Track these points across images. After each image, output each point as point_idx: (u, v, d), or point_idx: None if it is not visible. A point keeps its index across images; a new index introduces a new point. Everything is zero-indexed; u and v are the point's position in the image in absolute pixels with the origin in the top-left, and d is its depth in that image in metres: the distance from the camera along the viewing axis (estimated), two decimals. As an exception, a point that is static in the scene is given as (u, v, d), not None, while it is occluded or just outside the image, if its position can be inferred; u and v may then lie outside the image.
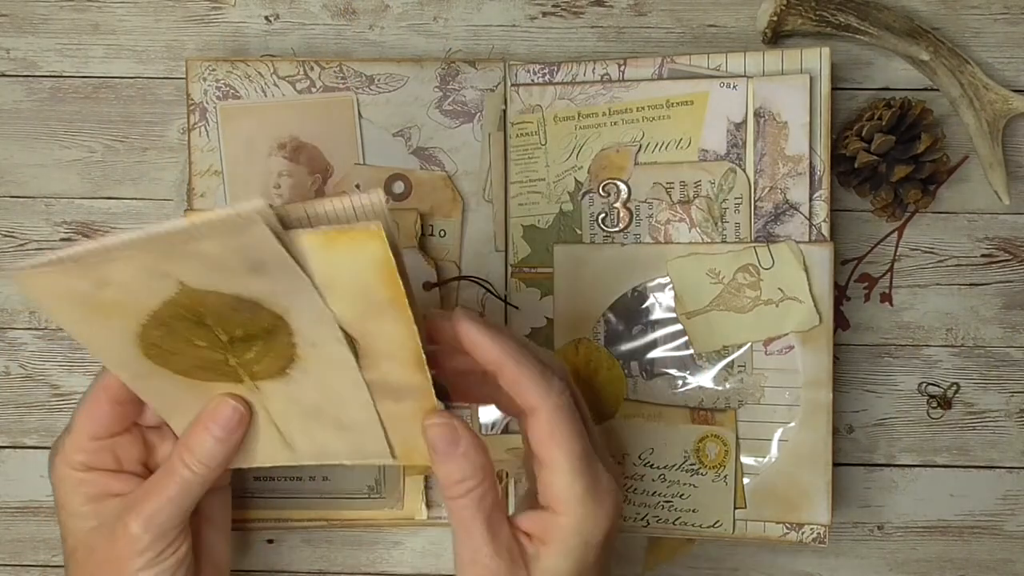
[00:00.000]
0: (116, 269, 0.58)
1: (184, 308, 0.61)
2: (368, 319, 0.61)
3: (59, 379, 0.90)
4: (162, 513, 0.68)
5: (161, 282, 0.59)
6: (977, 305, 0.88)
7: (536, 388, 0.65)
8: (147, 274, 0.59)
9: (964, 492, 0.89)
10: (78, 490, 0.71)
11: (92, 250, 0.57)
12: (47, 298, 0.61)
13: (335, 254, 0.58)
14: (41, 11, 0.89)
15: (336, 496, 0.85)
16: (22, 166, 0.89)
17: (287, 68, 0.84)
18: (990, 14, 0.87)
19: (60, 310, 0.62)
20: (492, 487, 0.67)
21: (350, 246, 0.57)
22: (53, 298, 0.61)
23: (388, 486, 0.85)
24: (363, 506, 0.85)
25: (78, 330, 0.64)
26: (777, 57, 0.83)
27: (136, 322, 0.62)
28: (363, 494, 0.85)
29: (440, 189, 0.84)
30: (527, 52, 0.88)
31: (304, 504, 0.85)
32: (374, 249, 0.57)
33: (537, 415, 0.65)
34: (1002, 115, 0.85)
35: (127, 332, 0.63)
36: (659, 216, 0.83)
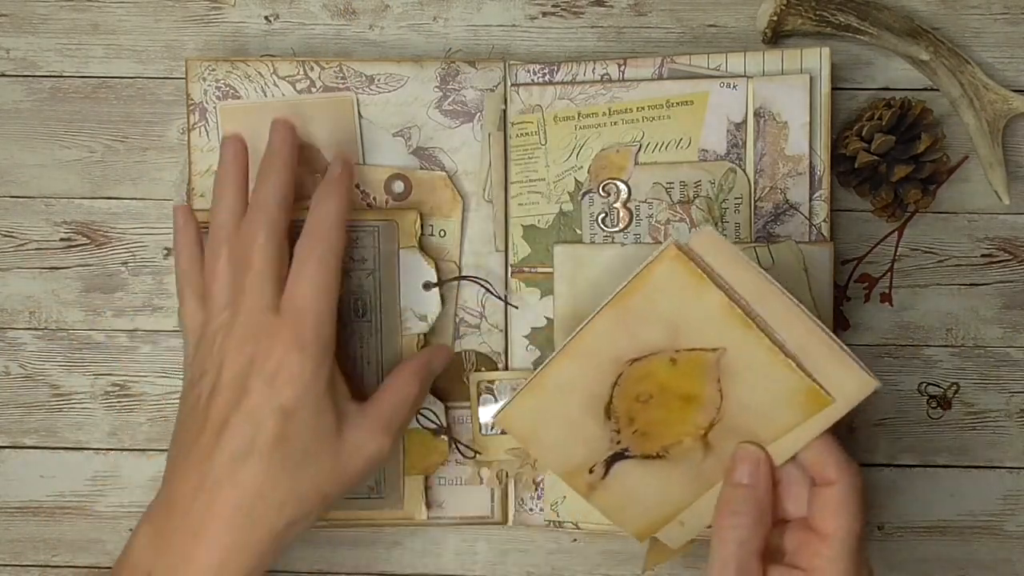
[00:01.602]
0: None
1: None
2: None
3: (59, 379, 0.90)
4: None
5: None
6: (977, 305, 0.88)
7: (837, 463, 0.69)
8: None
9: (964, 492, 0.88)
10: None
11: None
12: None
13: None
14: (41, 11, 0.89)
15: None
16: (22, 166, 0.89)
17: (287, 68, 0.84)
18: (990, 14, 0.87)
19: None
20: (758, 534, 0.69)
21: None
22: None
23: (388, 486, 0.85)
24: (363, 506, 0.85)
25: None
26: (777, 57, 0.83)
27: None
28: (363, 494, 0.84)
29: (440, 189, 0.84)
30: (527, 52, 0.88)
31: None
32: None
33: (831, 488, 0.68)
34: (1002, 115, 0.85)
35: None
36: (659, 216, 0.83)
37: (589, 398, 0.73)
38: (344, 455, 0.73)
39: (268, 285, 0.73)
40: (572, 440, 0.74)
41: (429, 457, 0.85)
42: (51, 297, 0.89)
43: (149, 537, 0.72)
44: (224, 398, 0.71)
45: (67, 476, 0.90)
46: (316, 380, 0.71)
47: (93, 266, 0.89)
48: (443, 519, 0.86)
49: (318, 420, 0.71)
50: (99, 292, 0.89)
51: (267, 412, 0.70)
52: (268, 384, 0.70)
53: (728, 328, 0.68)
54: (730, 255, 0.68)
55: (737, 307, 0.67)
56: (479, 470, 0.86)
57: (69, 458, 0.90)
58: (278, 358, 0.70)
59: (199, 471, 0.71)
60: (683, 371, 0.71)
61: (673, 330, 0.70)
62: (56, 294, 0.89)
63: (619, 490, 0.75)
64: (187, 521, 0.70)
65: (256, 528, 0.70)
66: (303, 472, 0.71)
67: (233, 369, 0.71)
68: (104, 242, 0.89)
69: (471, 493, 0.87)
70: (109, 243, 0.89)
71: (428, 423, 0.84)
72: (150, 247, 0.89)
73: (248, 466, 0.70)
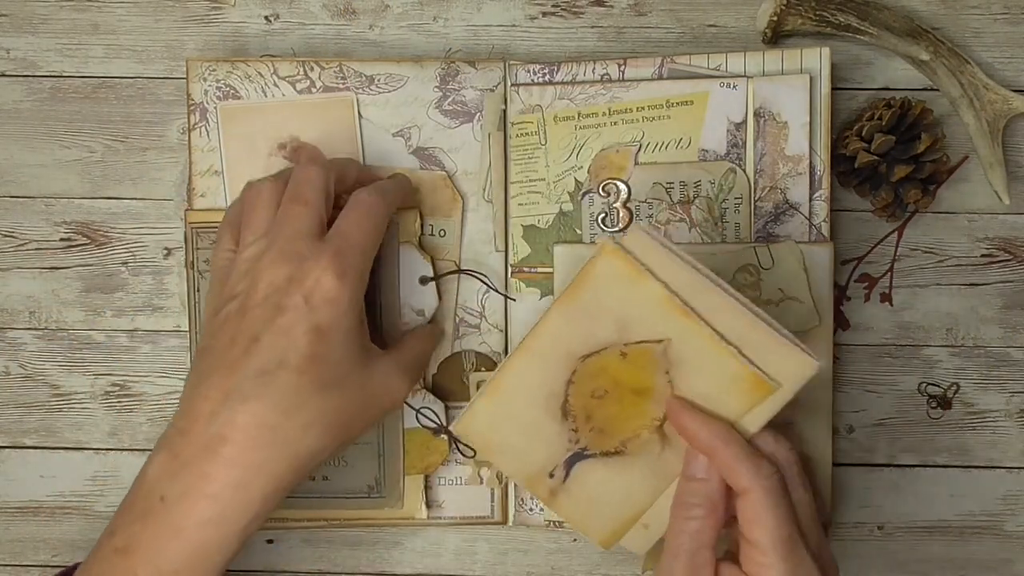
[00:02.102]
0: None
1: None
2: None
3: (59, 379, 0.90)
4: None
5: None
6: (977, 305, 0.88)
7: (745, 469, 0.67)
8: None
9: (964, 492, 0.88)
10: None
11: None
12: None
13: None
14: (41, 11, 0.89)
15: (336, 496, 0.85)
16: (22, 166, 0.89)
17: (287, 68, 0.84)
18: (990, 14, 0.87)
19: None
20: (710, 525, 0.69)
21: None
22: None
23: (388, 486, 0.84)
24: (363, 505, 0.85)
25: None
26: (777, 57, 0.83)
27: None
28: (363, 493, 0.84)
29: (440, 189, 0.84)
30: (527, 52, 0.88)
31: (304, 504, 0.85)
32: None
33: (747, 496, 0.67)
34: (1002, 115, 0.85)
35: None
36: (659, 216, 0.83)
37: (545, 398, 0.73)
38: (370, 387, 0.73)
39: (312, 216, 0.73)
40: (531, 442, 0.74)
41: (429, 457, 0.85)
42: (51, 297, 0.89)
43: (163, 460, 0.70)
44: (255, 315, 0.70)
45: (67, 476, 0.90)
46: (352, 308, 0.71)
47: (93, 266, 0.89)
48: (443, 519, 0.86)
49: (349, 347, 0.71)
50: (99, 292, 0.89)
51: (302, 330, 0.69)
52: (305, 302, 0.70)
53: (670, 319, 0.68)
54: (661, 254, 0.68)
55: (676, 297, 0.68)
56: (479, 470, 0.86)
57: (69, 458, 0.90)
58: (316, 277, 0.70)
59: (222, 387, 0.70)
60: (633, 364, 0.71)
61: (621, 324, 0.70)
62: (56, 294, 0.89)
63: (581, 493, 0.75)
64: (206, 438, 0.69)
65: (279, 448, 0.69)
66: (331, 395, 0.71)
67: (268, 288, 0.71)
68: (104, 242, 0.89)
69: (471, 493, 0.87)
70: (109, 243, 0.89)
71: (428, 422, 0.84)
72: (150, 247, 0.89)
73: (277, 381, 0.69)
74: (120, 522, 0.71)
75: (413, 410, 0.84)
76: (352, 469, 0.85)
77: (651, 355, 0.70)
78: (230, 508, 0.69)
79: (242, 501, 0.69)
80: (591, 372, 0.71)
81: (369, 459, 0.85)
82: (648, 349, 0.70)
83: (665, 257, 0.68)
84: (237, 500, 0.69)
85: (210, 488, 0.68)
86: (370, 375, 0.73)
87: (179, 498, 0.69)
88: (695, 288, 0.68)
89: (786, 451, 0.70)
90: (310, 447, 0.70)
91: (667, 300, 0.68)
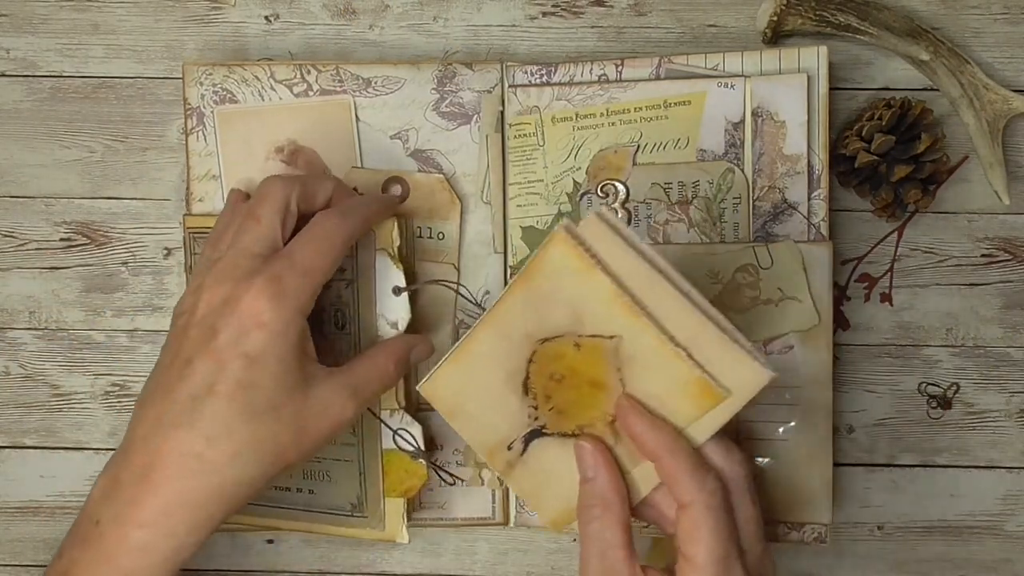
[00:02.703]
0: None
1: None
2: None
3: (59, 379, 0.90)
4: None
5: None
6: (977, 305, 0.87)
7: (688, 483, 0.66)
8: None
9: (964, 492, 0.88)
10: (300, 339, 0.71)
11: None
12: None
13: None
14: (41, 11, 0.89)
15: (321, 511, 0.84)
16: (22, 166, 0.89)
17: (284, 71, 0.84)
18: (990, 14, 0.87)
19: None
20: (611, 524, 0.69)
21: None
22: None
23: (369, 506, 0.83)
24: (346, 523, 0.84)
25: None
26: (774, 56, 0.82)
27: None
28: (346, 511, 0.83)
29: (438, 191, 0.84)
30: (527, 52, 0.88)
31: (292, 515, 0.84)
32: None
33: (687, 510, 0.66)
34: (1002, 115, 0.85)
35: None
36: (658, 216, 0.83)
37: (508, 373, 0.72)
38: (307, 413, 0.70)
39: (262, 233, 0.71)
40: (493, 413, 0.73)
41: (408, 480, 0.82)
42: (51, 297, 0.89)
43: (104, 483, 0.70)
44: (192, 336, 0.69)
45: (67, 476, 0.90)
46: (287, 333, 0.69)
47: (93, 266, 0.89)
48: (444, 520, 0.86)
49: (284, 373, 0.69)
50: (99, 292, 0.89)
51: (232, 355, 0.68)
52: (237, 327, 0.68)
53: (619, 316, 0.67)
54: (617, 244, 0.67)
55: (626, 295, 0.67)
56: (480, 471, 0.86)
57: (69, 458, 0.90)
58: (250, 301, 0.68)
59: (157, 410, 0.69)
60: (586, 357, 0.70)
61: (575, 315, 0.69)
62: (56, 294, 0.89)
63: (536, 468, 0.74)
64: (139, 462, 0.68)
65: (204, 477, 0.67)
66: (261, 423, 0.68)
67: (206, 307, 0.70)
68: (104, 242, 0.89)
69: (472, 494, 0.87)
70: (109, 243, 0.89)
71: (406, 445, 0.82)
72: (150, 247, 0.89)
73: (206, 407, 0.67)
74: (65, 544, 0.71)
75: (390, 431, 0.82)
76: (336, 486, 0.83)
77: (603, 350, 0.69)
78: (157, 536, 0.67)
79: (167, 529, 0.67)
80: (549, 355, 0.71)
81: (351, 477, 0.83)
82: (600, 344, 0.69)
83: (619, 248, 0.67)
84: (162, 528, 0.67)
85: (138, 515, 0.67)
86: (308, 401, 0.70)
87: (111, 523, 0.68)
88: (648, 284, 0.67)
89: (736, 464, 0.69)
90: (237, 476, 0.68)
91: (615, 297, 0.67)
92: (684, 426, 0.68)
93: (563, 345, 0.70)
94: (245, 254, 0.70)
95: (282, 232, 0.72)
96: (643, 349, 0.68)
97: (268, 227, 0.71)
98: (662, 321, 0.67)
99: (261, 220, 0.71)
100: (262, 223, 0.71)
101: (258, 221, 0.71)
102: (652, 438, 0.67)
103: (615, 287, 0.67)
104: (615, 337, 0.68)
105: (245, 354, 0.68)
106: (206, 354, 0.68)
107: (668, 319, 0.67)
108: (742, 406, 0.67)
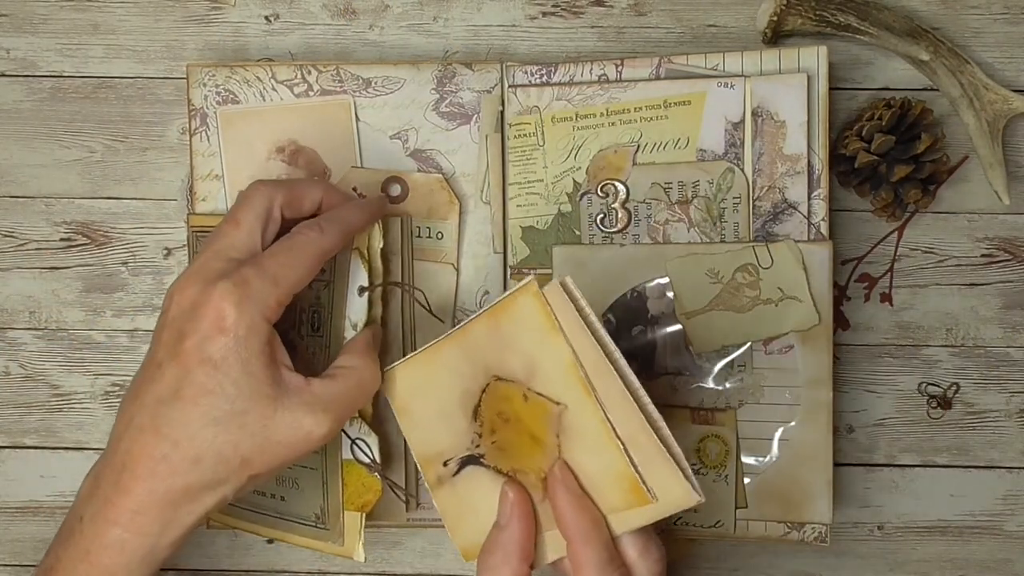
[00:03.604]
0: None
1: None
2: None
3: (59, 379, 0.90)
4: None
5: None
6: (977, 305, 0.87)
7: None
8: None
9: (964, 492, 0.88)
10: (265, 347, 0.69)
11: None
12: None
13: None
14: (41, 11, 0.89)
15: (290, 519, 0.83)
16: (22, 166, 0.89)
17: (285, 72, 0.84)
18: (990, 14, 0.87)
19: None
20: (512, 570, 0.69)
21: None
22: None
23: (330, 519, 0.81)
24: (310, 534, 0.82)
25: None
26: (774, 56, 0.82)
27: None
28: (310, 522, 0.82)
29: (437, 191, 0.84)
30: (527, 52, 0.88)
31: (266, 521, 0.83)
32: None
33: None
34: (1002, 115, 0.85)
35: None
36: (658, 216, 0.83)
37: (464, 392, 0.72)
38: (275, 424, 0.68)
39: (238, 237, 0.70)
40: (441, 426, 0.74)
41: (365, 495, 0.80)
42: (51, 297, 0.89)
43: (90, 481, 0.70)
44: (163, 339, 0.69)
45: (67, 476, 0.90)
46: (250, 339, 0.67)
47: (93, 266, 0.89)
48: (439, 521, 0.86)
49: (247, 380, 0.67)
50: (99, 292, 0.89)
51: (196, 360, 0.67)
52: (202, 332, 0.67)
53: (571, 386, 0.68)
54: (574, 320, 0.67)
55: (581, 369, 0.67)
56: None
57: (69, 458, 0.90)
58: (216, 305, 0.67)
59: (129, 412, 0.69)
60: (531, 411, 0.70)
61: (529, 368, 0.69)
62: (56, 294, 0.89)
63: (463, 494, 0.74)
64: (114, 463, 0.68)
65: (172, 478, 0.67)
66: (224, 430, 0.67)
67: (177, 309, 0.69)
68: (104, 242, 0.89)
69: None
70: (109, 243, 0.89)
71: (363, 456, 0.80)
72: (150, 247, 0.89)
73: (170, 412, 0.67)
74: (53, 541, 0.71)
75: (349, 439, 0.80)
76: (302, 494, 0.82)
77: (547, 412, 0.69)
78: (130, 534, 0.67)
79: (141, 528, 0.67)
80: (500, 394, 0.71)
81: (315, 487, 0.81)
82: (546, 405, 0.69)
83: (577, 325, 0.67)
84: (136, 526, 0.67)
85: (112, 513, 0.67)
86: (276, 412, 0.68)
87: (91, 520, 0.68)
88: (598, 368, 0.67)
89: (652, 563, 0.69)
90: (202, 480, 0.68)
91: (572, 367, 0.67)
92: (608, 512, 0.68)
93: (513, 390, 0.70)
94: (219, 256, 0.69)
95: (262, 238, 0.72)
96: (585, 426, 0.68)
97: (246, 232, 0.70)
98: (607, 409, 0.67)
99: (240, 224, 0.71)
100: (241, 227, 0.71)
101: (237, 225, 0.71)
102: (572, 519, 0.68)
103: (573, 356, 0.67)
104: (561, 404, 0.68)
105: (209, 358, 0.67)
106: (174, 358, 0.68)
107: (612, 410, 0.66)
108: (666, 516, 0.67)
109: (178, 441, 0.67)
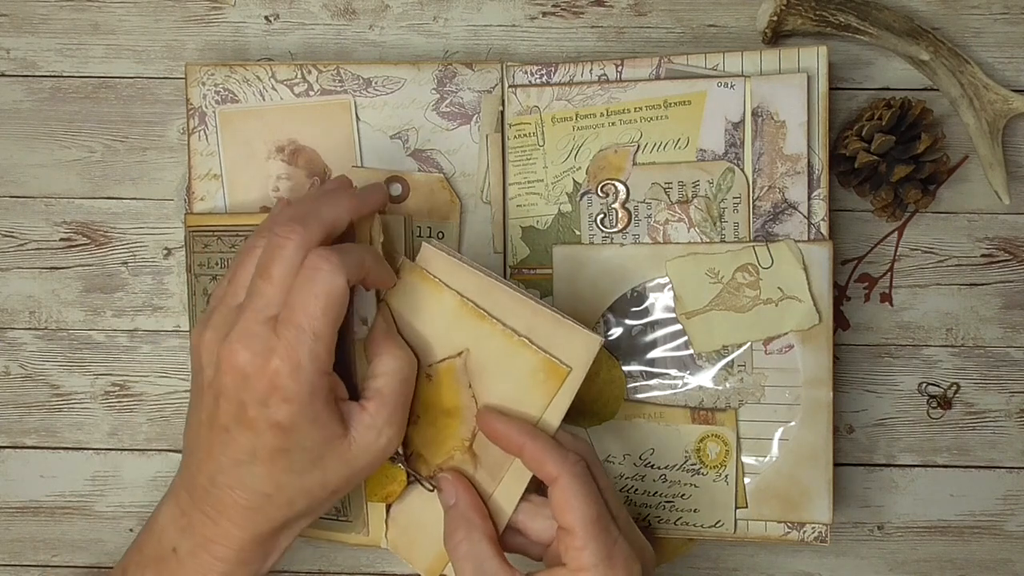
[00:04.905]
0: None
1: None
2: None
3: (59, 379, 0.90)
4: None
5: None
6: (977, 305, 0.87)
7: (553, 458, 0.70)
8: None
9: (964, 492, 0.88)
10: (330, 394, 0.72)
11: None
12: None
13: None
14: (41, 11, 0.89)
15: None
16: (22, 166, 0.89)
17: (285, 72, 0.84)
18: (990, 14, 0.87)
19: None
20: (476, 539, 0.73)
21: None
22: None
23: (353, 511, 0.81)
24: (333, 527, 0.83)
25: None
26: (774, 56, 0.82)
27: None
28: (331, 515, 0.82)
29: (438, 191, 0.84)
30: (527, 52, 0.88)
31: None
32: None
33: (556, 483, 0.70)
34: (1002, 115, 0.85)
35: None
36: (658, 216, 0.83)
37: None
38: (351, 455, 0.72)
39: (274, 294, 0.69)
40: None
41: (388, 485, 0.79)
42: (51, 297, 0.89)
43: (174, 514, 0.73)
44: (223, 408, 0.70)
45: (67, 476, 0.90)
46: (313, 398, 0.69)
47: (93, 266, 0.89)
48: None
49: (319, 430, 0.70)
50: (99, 292, 0.89)
51: (265, 426, 0.69)
52: (262, 404, 0.68)
53: (466, 325, 0.72)
54: (450, 263, 0.73)
55: (469, 303, 0.72)
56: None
57: (69, 458, 0.90)
58: (270, 379, 0.68)
59: (208, 469, 0.71)
60: (439, 384, 0.74)
61: (426, 344, 0.74)
62: (56, 294, 0.89)
63: (405, 521, 0.78)
64: (205, 509, 0.71)
65: (268, 522, 0.71)
66: (310, 476, 0.71)
67: (230, 377, 0.69)
68: (104, 242, 0.89)
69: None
70: (109, 243, 0.89)
71: None
72: (150, 247, 0.89)
73: (252, 472, 0.70)
74: (131, 561, 0.75)
75: None
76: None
77: (454, 371, 0.73)
78: (235, 567, 0.72)
79: (244, 560, 0.72)
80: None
81: None
82: (450, 365, 0.74)
83: (454, 266, 0.73)
84: (239, 560, 0.72)
85: (216, 551, 0.71)
86: (350, 444, 0.71)
87: (190, 553, 0.72)
88: (483, 290, 0.72)
89: (585, 446, 0.74)
90: (298, 514, 0.72)
91: (462, 306, 0.73)
92: (538, 416, 0.73)
93: (416, 382, 0.74)
94: (258, 319, 0.69)
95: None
96: (490, 352, 0.73)
97: (279, 288, 0.70)
98: (503, 318, 0.73)
99: (273, 280, 0.70)
100: (274, 283, 0.70)
101: (270, 281, 0.70)
102: (514, 431, 0.72)
103: (460, 298, 0.73)
104: (463, 353, 0.73)
105: (277, 424, 0.69)
106: (241, 423, 0.69)
107: (507, 315, 0.73)
108: (583, 377, 0.72)
109: (269, 494, 0.71)
